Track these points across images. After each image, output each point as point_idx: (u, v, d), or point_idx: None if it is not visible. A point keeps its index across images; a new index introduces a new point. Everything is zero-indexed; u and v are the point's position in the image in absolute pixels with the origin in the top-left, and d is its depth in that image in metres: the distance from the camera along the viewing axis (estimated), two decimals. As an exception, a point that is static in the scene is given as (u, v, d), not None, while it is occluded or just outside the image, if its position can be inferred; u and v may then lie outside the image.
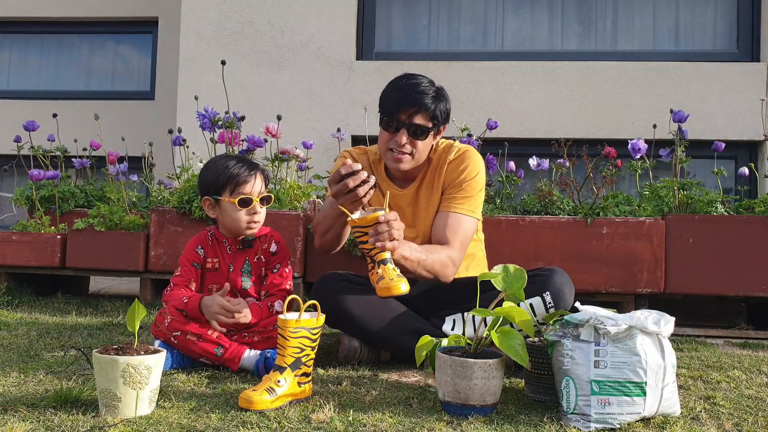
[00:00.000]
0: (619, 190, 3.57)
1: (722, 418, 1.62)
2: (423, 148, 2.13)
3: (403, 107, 2.07)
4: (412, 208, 2.23)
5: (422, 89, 2.08)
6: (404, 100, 2.07)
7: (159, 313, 2.07)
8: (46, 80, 6.34)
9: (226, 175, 2.09)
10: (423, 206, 2.22)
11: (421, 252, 1.97)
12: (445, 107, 2.13)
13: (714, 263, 2.88)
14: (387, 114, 2.11)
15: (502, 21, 5.02)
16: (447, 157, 2.21)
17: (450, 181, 2.18)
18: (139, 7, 6.06)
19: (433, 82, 2.14)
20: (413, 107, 2.06)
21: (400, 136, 2.08)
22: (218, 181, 2.10)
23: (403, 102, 2.07)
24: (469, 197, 2.16)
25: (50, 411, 1.53)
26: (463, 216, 2.14)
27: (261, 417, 1.53)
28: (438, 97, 2.11)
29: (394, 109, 2.08)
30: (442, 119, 2.13)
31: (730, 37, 4.82)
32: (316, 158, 4.17)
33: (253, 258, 2.17)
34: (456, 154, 2.21)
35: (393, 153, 2.12)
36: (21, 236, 3.37)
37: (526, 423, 1.54)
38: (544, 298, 1.96)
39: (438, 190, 2.20)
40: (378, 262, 1.78)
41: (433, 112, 2.08)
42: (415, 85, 2.09)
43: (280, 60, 4.87)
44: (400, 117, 2.08)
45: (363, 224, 1.79)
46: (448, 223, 2.12)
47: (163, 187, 3.64)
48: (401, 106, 2.07)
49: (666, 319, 1.62)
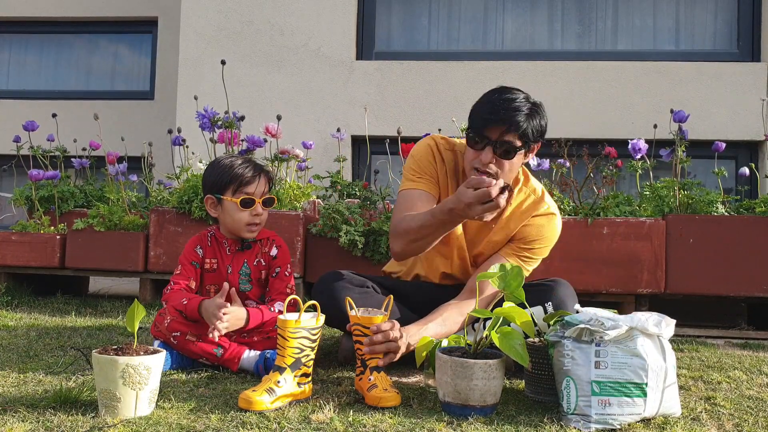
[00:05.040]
0: (620, 190, 3.57)
1: (723, 419, 1.62)
2: (510, 169, 1.96)
3: (492, 123, 1.91)
4: (476, 232, 2.11)
5: (516, 105, 1.91)
6: (494, 116, 1.90)
7: (158, 313, 2.07)
8: (46, 80, 6.34)
9: (230, 174, 2.08)
10: (488, 238, 2.10)
11: (434, 330, 1.88)
12: (539, 125, 1.95)
13: (714, 263, 2.88)
14: (474, 130, 1.95)
15: (502, 21, 5.02)
16: (533, 210, 2.08)
17: (525, 234, 2.07)
18: (139, 7, 6.06)
19: (528, 97, 1.97)
20: (503, 125, 1.89)
21: (486, 154, 1.91)
22: (222, 180, 2.09)
23: (492, 118, 1.91)
24: (533, 259, 2.08)
25: (50, 411, 1.53)
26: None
27: (261, 417, 1.53)
28: (532, 114, 1.93)
29: (482, 125, 1.92)
30: (534, 137, 1.95)
31: (730, 37, 4.82)
32: (315, 158, 4.17)
33: (253, 260, 2.16)
34: (542, 212, 2.08)
35: (476, 172, 1.95)
36: (20, 236, 3.36)
37: (527, 423, 1.54)
38: (545, 308, 1.94)
39: (509, 232, 2.08)
40: (371, 368, 1.72)
41: (524, 130, 1.90)
42: (509, 100, 1.92)
43: (280, 60, 4.87)
44: (488, 134, 1.91)
45: (365, 324, 1.73)
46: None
47: (162, 187, 3.64)
48: (490, 122, 1.91)
49: (667, 321, 1.61)
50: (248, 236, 2.15)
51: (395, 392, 1.67)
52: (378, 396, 1.64)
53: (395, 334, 1.76)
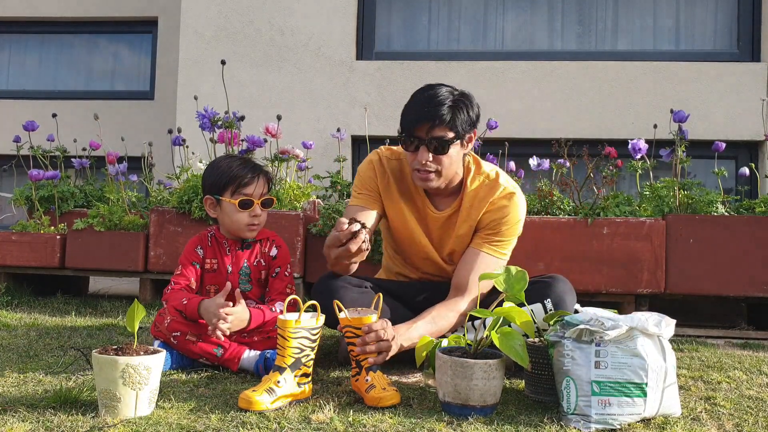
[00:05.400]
0: (620, 190, 3.57)
1: (723, 419, 1.62)
2: (450, 163, 1.99)
3: (419, 122, 1.94)
4: (441, 232, 2.14)
5: (439, 100, 1.93)
6: (419, 115, 1.94)
7: (158, 313, 2.07)
8: (46, 80, 6.34)
9: (229, 175, 2.08)
10: (454, 233, 2.12)
11: (423, 328, 1.89)
12: (467, 115, 1.96)
13: (714, 263, 2.88)
14: (405, 132, 1.98)
15: (502, 21, 5.02)
16: (491, 194, 2.07)
17: (489, 220, 2.06)
18: (139, 7, 6.06)
19: (453, 90, 1.99)
20: (429, 121, 1.92)
21: (422, 154, 1.95)
22: (220, 181, 2.10)
23: (418, 117, 1.94)
24: (505, 242, 2.07)
25: (50, 411, 1.53)
26: (493, 258, 2.04)
27: (261, 417, 1.53)
28: (457, 104, 1.94)
29: (410, 126, 1.96)
30: (465, 127, 1.97)
31: (730, 37, 4.82)
32: (315, 158, 4.17)
33: (253, 260, 2.16)
34: (501, 194, 2.07)
35: (419, 173, 2.00)
36: (20, 236, 3.36)
37: (526, 423, 1.54)
38: (545, 305, 1.94)
39: (472, 222, 2.09)
40: (366, 369, 1.72)
41: (452, 122, 1.93)
42: (431, 96, 1.94)
43: (280, 60, 4.87)
44: (418, 133, 1.95)
45: (356, 325, 1.73)
46: (475, 266, 2.02)
47: (162, 187, 3.64)
48: (416, 121, 1.94)
49: (667, 321, 1.61)
50: (248, 236, 2.15)
51: (394, 390, 1.68)
52: (377, 396, 1.64)
53: (388, 334, 1.76)
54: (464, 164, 2.10)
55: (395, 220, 2.17)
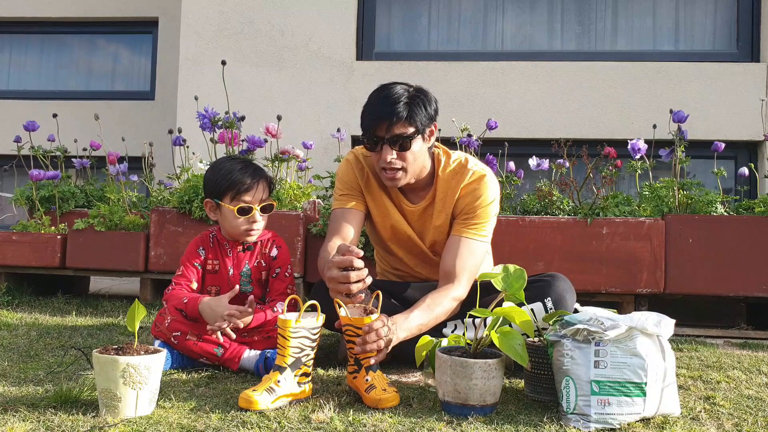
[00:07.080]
0: (619, 190, 3.57)
1: (722, 419, 1.62)
2: (414, 159, 2.01)
3: (378, 122, 1.96)
4: (420, 223, 2.16)
5: (394, 98, 1.96)
6: (377, 114, 1.96)
7: (159, 313, 2.07)
8: (46, 80, 6.34)
9: (229, 180, 2.07)
10: (431, 224, 2.14)
11: (420, 317, 1.89)
12: (424, 109, 1.99)
13: (714, 263, 2.88)
14: (366, 133, 2.01)
15: (502, 21, 5.03)
16: (461, 180, 2.09)
17: (464, 205, 2.08)
18: (139, 7, 6.06)
19: (408, 87, 2.02)
20: (387, 119, 1.94)
21: (385, 152, 1.97)
22: (220, 186, 2.09)
23: (376, 117, 1.96)
24: (483, 223, 2.07)
25: (50, 411, 1.53)
26: (475, 242, 2.05)
27: (261, 417, 1.53)
28: (413, 100, 1.97)
29: (370, 126, 1.98)
30: (425, 122, 1.99)
31: (730, 37, 4.82)
32: (316, 158, 4.18)
33: (253, 261, 2.17)
34: (471, 178, 2.08)
35: (386, 172, 2.02)
36: (21, 236, 3.37)
37: (526, 423, 1.54)
38: (545, 304, 1.95)
39: (448, 211, 2.11)
40: (366, 368, 1.72)
41: (410, 117, 1.95)
42: (386, 96, 1.97)
43: (280, 60, 4.88)
44: (378, 133, 1.97)
45: (357, 325, 1.73)
46: (459, 252, 2.02)
47: (163, 187, 3.64)
48: (375, 121, 1.97)
49: (666, 321, 1.62)
50: (247, 241, 2.15)
51: (394, 391, 1.68)
52: (377, 397, 1.64)
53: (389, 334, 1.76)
54: (434, 156, 2.14)
55: (378, 214, 2.18)
